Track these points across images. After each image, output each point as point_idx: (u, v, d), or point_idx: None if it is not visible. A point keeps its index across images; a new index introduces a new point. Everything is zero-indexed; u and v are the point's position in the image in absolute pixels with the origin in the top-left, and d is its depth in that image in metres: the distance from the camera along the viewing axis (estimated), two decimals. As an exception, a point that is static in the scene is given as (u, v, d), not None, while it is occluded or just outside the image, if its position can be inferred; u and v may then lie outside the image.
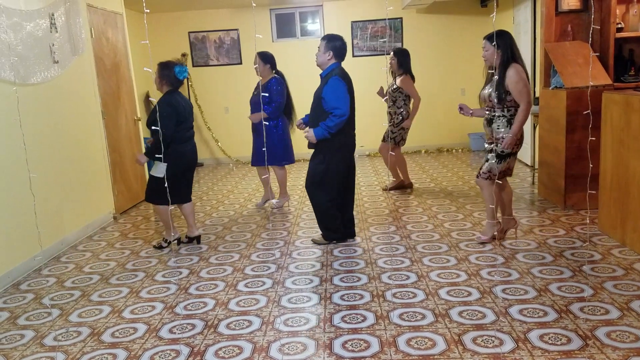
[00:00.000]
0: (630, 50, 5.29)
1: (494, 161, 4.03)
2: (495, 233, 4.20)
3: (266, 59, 5.54)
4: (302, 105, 8.10)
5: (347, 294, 3.46)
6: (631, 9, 5.15)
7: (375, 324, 3.03)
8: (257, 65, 5.47)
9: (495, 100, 3.94)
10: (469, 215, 5.13)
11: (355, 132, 4.41)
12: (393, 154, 6.06)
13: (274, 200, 5.91)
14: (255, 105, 5.60)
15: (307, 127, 4.32)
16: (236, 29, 8.95)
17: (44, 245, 4.47)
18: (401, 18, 8.86)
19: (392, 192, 6.18)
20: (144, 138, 5.86)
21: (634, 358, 2.52)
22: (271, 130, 5.56)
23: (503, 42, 3.89)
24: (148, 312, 3.38)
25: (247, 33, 8.91)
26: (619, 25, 5.11)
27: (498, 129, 3.99)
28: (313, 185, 4.35)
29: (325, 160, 4.26)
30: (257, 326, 3.09)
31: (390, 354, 2.69)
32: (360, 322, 3.05)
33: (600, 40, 5.13)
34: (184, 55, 8.92)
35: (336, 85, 4.12)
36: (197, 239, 4.72)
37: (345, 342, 2.85)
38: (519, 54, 3.98)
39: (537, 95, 6.22)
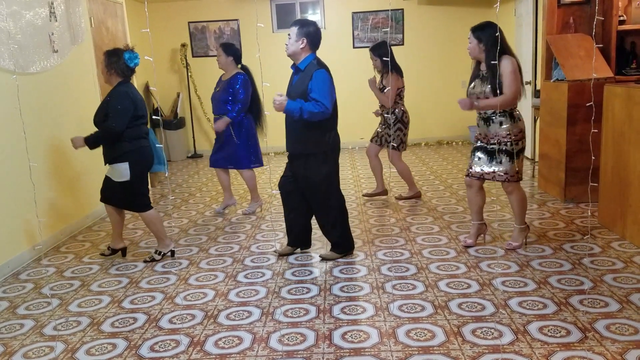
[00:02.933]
0: (632, 42, 5.27)
1: (507, 162, 3.74)
2: (526, 239, 4.00)
3: (229, 50, 5.02)
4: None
5: (346, 286, 3.46)
6: (634, 2, 5.13)
7: (374, 315, 3.03)
8: (218, 57, 5.06)
9: (492, 95, 3.69)
10: (468, 207, 5.11)
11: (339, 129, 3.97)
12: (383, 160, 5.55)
13: (247, 208, 5.38)
14: (216, 102, 5.09)
15: (281, 96, 3.63)
16: (236, 19, 8.91)
17: (44, 235, 4.47)
18: (402, 9, 8.81)
19: (401, 199, 5.57)
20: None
21: (633, 351, 2.52)
22: (235, 132, 5.03)
23: (488, 34, 3.64)
24: (148, 302, 3.38)
25: (248, 23, 8.87)
26: (621, 18, 5.09)
27: (501, 125, 3.71)
28: (327, 194, 3.88)
29: (332, 159, 3.86)
30: (257, 317, 3.09)
31: (390, 345, 2.70)
32: (359, 314, 3.06)
33: (602, 33, 5.11)
34: (183, 45, 8.88)
35: (324, 79, 3.62)
36: (172, 252, 4.19)
37: (345, 333, 2.85)
38: (507, 46, 3.74)
39: (538, 87, 6.21)
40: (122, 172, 3.86)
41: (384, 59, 5.14)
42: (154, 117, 8.51)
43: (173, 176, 7.63)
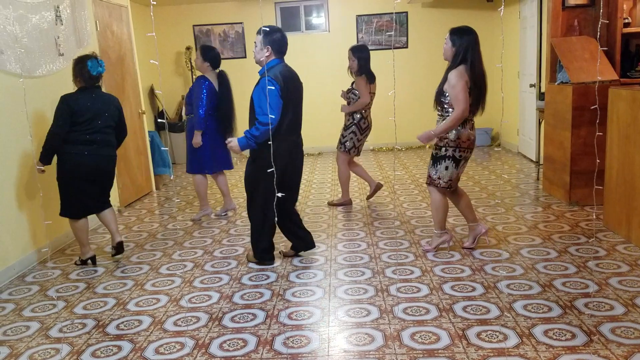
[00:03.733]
0: (637, 45, 5.27)
1: (450, 167, 3.81)
2: (444, 245, 4.03)
3: (206, 55, 4.95)
4: (305, 100, 8.10)
5: (351, 288, 3.46)
6: (638, 4, 5.13)
7: (379, 318, 3.03)
8: (196, 59, 5.02)
9: (434, 100, 3.76)
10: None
11: (301, 137, 3.95)
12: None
13: (195, 215, 5.37)
14: (186, 106, 5.12)
15: (231, 138, 3.81)
16: (241, 23, 8.93)
17: (49, 237, 4.48)
18: (406, 12, 8.83)
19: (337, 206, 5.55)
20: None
21: (638, 354, 2.52)
22: (189, 134, 5.03)
23: (460, 41, 3.62)
24: (153, 305, 3.39)
25: (252, 26, 8.89)
26: (626, 21, 5.08)
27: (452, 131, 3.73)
28: (251, 195, 3.90)
29: (255, 162, 3.79)
30: (262, 319, 3.10)
31: (395, 348, 2.70)
32: (364, 316, 3.06)
33: (606, 36, 5.11)
34: (188, 48, 8.91)
35: (265, 88, 3.54)
36: (119, 246, 4.24)
37: (350, 335, 2.85)
38: (474, 55, 3.61)
39: (542, 90, 6.20)
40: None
41: (357, 62, 5.15)
42: (159, 120, 8.55)
43: (177, 179, 7.64)
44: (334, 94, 7.09)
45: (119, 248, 4.24)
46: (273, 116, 3.54)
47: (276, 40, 3.71)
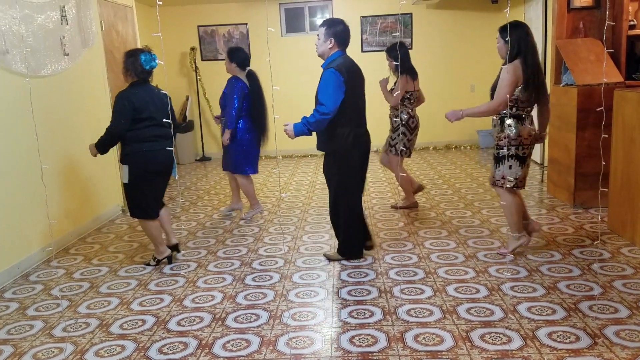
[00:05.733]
0: (642, 47, 5.24)
1: (516, 165, 3.71)
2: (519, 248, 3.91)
3: (232, 57, 4.94)
4: (310, 101, 8.11)
5: (354, 290, 3.46)
6: (644, 6, 5.10)
7: (382, 319, 3.02)
8: (225, 62, 5.04)
9: (490, 95, 3.73)
10: (477, 212, 5.11)
11: (367, 130, 3.94)
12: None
13: (245, 214, 5.31)
14: (221, 107, 5.14)
15: (287, 125, 3.81)
16: (245, 23, 8.94)
17: (53, 236, 4.49)
18: (411, 13, 8.82)
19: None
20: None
21: (643, 357, 2.51)
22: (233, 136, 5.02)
23: (512, 36, 3.58)
24: (156, 305, 3.40)
25: (256, 27, 8.90)
26: (631, 23, 5.06)
27: (509, 127, 3.65)
28: (337, 197, 3.92)
29: (336, 165, 3.85)
30: (265, 320, 3.10)
31: (398, 350, 2.69)
32: (367, 318, 3.05)
33: (612, 38, 5.09)
34: (192, 49, 8.93)
35: (328, 79, 3.65)
36: (175, 247, 4.21)
37: (353, 337, 2.85)
38: (527, 48, 3.60)
39: (547, 92, 6.17)
40: (123, 173, 3.86)
41: (394, 62, 5.08)
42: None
43: (182, 179, 7.66)
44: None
45: (174, 249, 4.18)
46: (331, 107, 3.63)
47: (339, 32, 3.75)
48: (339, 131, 3.74)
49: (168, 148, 3.85)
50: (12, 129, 4.07)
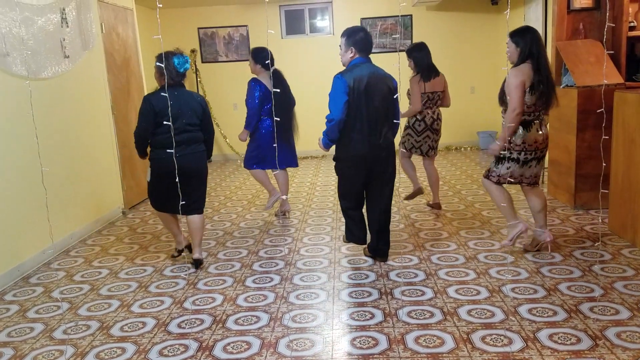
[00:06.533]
0: (642, 49, 5.25)
1: (493, 163, 3.82)
2: (522, 235, 3.92)
3: (257, 57, 4.98)
4: (311, 103, 8.11)
5: (355, 291, 3.46)
6: (644, 8, 5.10)
7: (383, 321, 3.02)
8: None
9: (498, 101, 3.75)
10: (477, 213, 5.11)
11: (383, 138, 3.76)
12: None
13: (267, 204, 5.41)
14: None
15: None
16: (245, 25, 8.95)
17: (54, 239, 4.49)
18: (411, 15, 8.83)
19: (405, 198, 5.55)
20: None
21: (644, 359, 2.50)
22: (252, 135, 5.11)
23: (524, 41, 3.59)
24: (157, 307, 3.39)
25: (257, 29, 8.91)
26: (631, 24, 5.06)
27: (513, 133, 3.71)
28: (339, 194, 4.00)
29: (337, 168, 3.92)
30: (265, 322, 3.09)
31: (399, 352, 2.69)
32: (368, 320, 3.05)
33: (612, 39, 5.09)
34: (193, 51, 8.93)
35: (333, 85, 3.67)
36: (196, 262, 4.02)
37: (354, 339, 2.85)
38: (538, 51, 3.58)
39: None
40: (148, 173, 3.94)
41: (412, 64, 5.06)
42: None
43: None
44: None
45: (195, 264, 4.02)
46: (334, 113, 3.65)
47: (359, 40, 3.72)
48: (344, 139, 3.73)
49: (194, 151, 3.85)
50: (12, 131, 4.08)
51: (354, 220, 3.97)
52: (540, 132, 3.71)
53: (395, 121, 3.78)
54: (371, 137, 3.69)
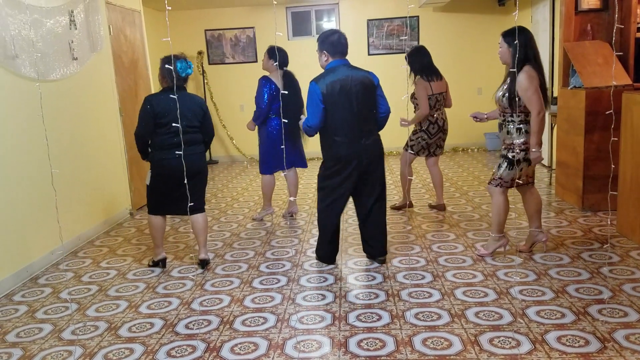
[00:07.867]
0: (651, 50, 5.21)
1: (504, 167, 3.77)
2: (500, 249, 3.97)
3: (273, 54, 4.98)
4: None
5: (362, 293, 3.46)
6: (653, 8, 5.07)
7: (390, 323, 3.02)
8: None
9: (506, 104, 3.70)
10: (485, 215, 5.09)
11: (371, 137, 3.80)
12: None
13: (256, 214, 5.43)
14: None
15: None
16: (252, 27, 8.97)
17: (62, 240, 4.52)
18: (418, 16, 8.82)
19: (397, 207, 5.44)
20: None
21: (653, 362, 2.49)
22: (260, 134, 5.16)
23: (520, 40, 3.53)
24: (164, 308, 3.40)
25: (263, 31, 8.93)
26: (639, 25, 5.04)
27: (508, 134, 3.73)
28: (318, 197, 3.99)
29: (320, 169, 3.93)
30: (273, 323, 3.10)
31: (406, 354, 2.68)
32: (375, 321, 3.05)
33: (620, 40, 5.07)
34: (200, 53, 8.96)
35: (308, 93, 3.69)
36: (202, 262, 4.05)
37: (361, 340, 2.84)
38: (534, 53, 3.64)
39: (555, 95, 6.16)
40: (147, 176, 3.97)
41: (405, 66, 5.04)
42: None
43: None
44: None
45: (201, 264, 4.05)
46: (310, 121, 3.72)
47: (328, 43, 3.72)
48: (325, 141, 3.79)
49: (193, 152, 3.86)
50: (21, 133, 4.10)
51: (326, 233, 3.93)
52: None
53: (381, 114, 3.83)
54: (355, 138, 3.71)
